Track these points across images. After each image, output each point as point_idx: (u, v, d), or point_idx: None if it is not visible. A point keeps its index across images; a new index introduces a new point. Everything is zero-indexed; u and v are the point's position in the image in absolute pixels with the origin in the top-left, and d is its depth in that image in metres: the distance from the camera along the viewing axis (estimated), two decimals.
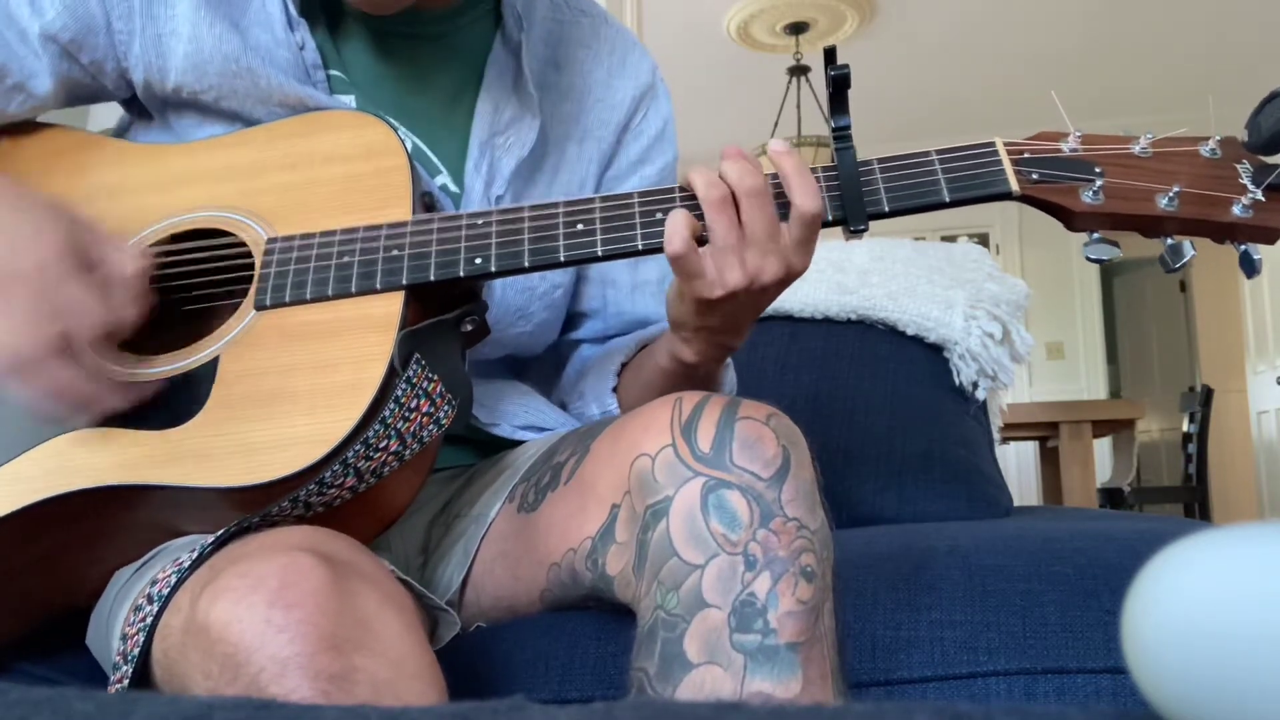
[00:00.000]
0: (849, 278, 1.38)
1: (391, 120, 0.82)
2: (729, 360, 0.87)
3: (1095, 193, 0.70)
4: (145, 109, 0.87)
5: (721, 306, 0.72)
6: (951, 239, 1.61)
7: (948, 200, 0.71)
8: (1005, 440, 2.91)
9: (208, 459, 0.66)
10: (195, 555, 0.60)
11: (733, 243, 0.70)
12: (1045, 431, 3.01)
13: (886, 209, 0.72)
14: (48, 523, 0.68)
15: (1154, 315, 7.07)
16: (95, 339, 0.66)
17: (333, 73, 0.85)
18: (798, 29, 4.32)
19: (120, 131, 0.91)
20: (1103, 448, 4.98)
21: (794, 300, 1.36)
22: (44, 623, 0.76)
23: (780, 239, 0.70)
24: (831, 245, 1.47)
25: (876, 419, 1.27)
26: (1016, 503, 1.34)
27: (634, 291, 0.96)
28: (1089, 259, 0.72)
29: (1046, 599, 0.75)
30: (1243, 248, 0.71)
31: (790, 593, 0.58)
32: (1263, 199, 0.69)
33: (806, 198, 0.69)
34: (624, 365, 0.90)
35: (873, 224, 0.72)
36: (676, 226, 0.69)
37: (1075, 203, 0.71)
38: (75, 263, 0.67)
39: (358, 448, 0.65)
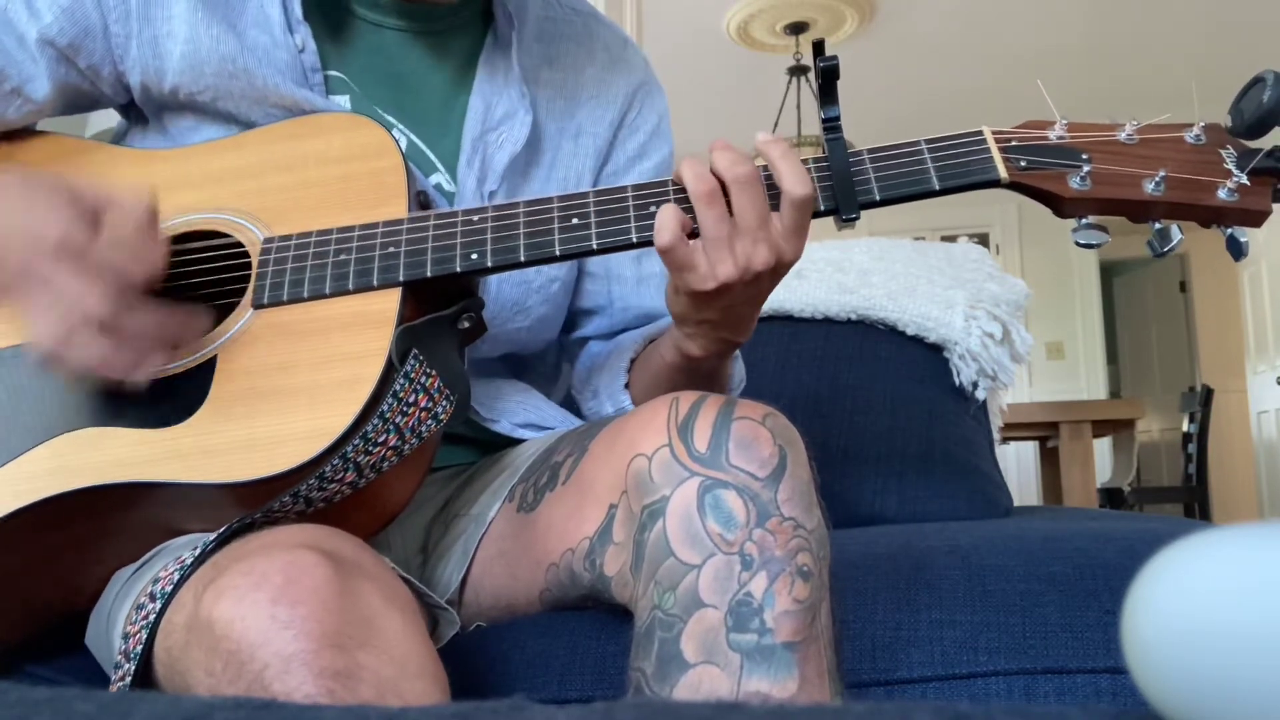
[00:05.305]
0: (849, 277, 1.38)
1: (389, 119, 0.81)
2: (737, 354, 0.87)
3: (1083, 178, 0.71)
4: (142, 115, 0.87)
5: (717, 299, 0.72)
6: (952, 239, 1.61)
7: (937, 188, 0.72)
8: (1005, 440, 2.91)
9: (208, 455, 0.67)
10: (198, 552, 0.60)
11: (723, 234, 0.70)
12: (1045, 431, 3.01)
13: (878, 198, 0.72)
14: (48, 522, 0.68)
15: (1154, 315, 7.07)
16: (138, 286, 0.66)
17: (330, 73, 0.85)
18: (798, 29, 4.32)
19: (118, 138, 0.91)
20: (1103, 448, 4.98)
21: (794, 300, 1.36)
22: (44, 625, 0.76)
23: (771, 226, 0.71)
24: (831, 245, 1.47)
25: (876, 419, 1.27)
26: (1016, 503, 1.34)
27: (639, 285, 0.96)
28: (1078, 244, 0.73)
29: (1046, 599, 0.75)
30: (1229, 231, 0.72)
31: (787, 592, 0.58)
32: (1247, 182, 0.70)
33: (795, 182, 0.70)
34: (633, 360, 0.90)
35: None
36: (665, 220, 0.70)
37: (1064, 189, 0.71)
38: (86, 230, 0.66)
39: (357, 442, 0.66)
